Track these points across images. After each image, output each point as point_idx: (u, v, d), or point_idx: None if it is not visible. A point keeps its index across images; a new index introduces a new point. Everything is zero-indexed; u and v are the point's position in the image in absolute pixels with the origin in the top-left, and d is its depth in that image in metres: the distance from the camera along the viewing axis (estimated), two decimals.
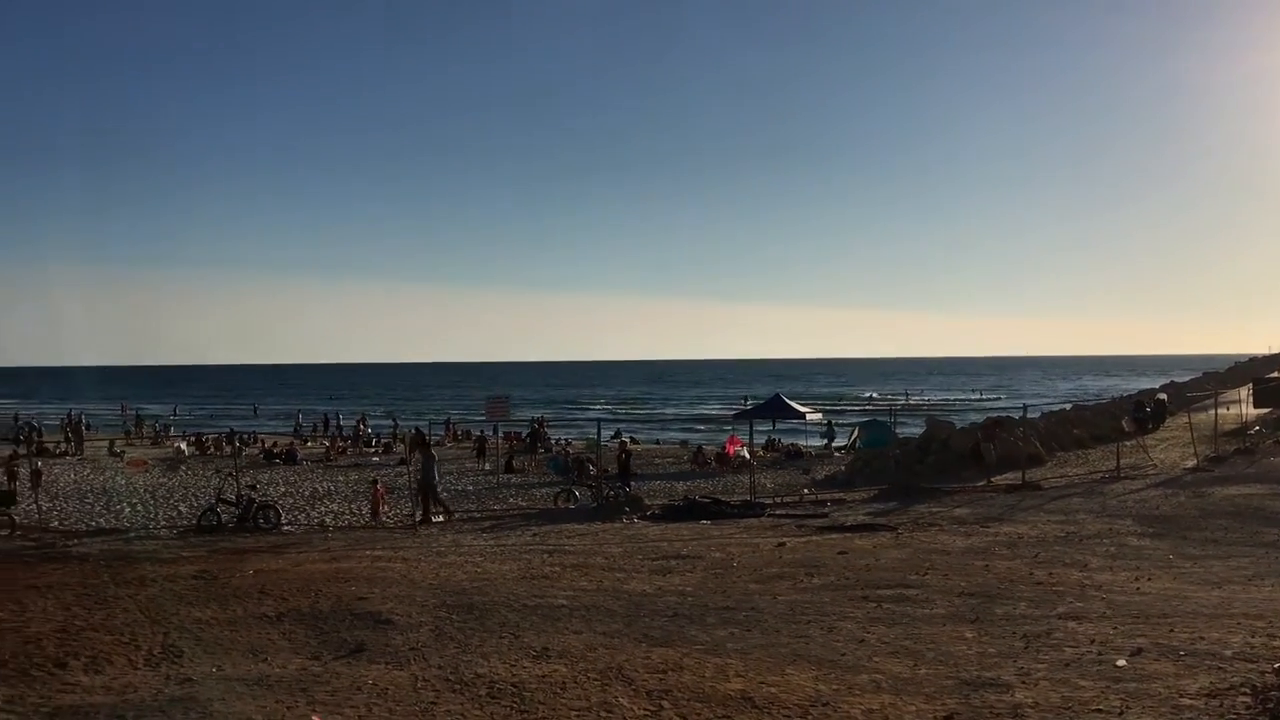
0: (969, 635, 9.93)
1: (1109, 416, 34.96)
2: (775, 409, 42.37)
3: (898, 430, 41.31)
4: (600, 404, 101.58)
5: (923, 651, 9.35)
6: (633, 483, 25.58)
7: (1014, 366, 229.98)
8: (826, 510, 21.85)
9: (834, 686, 8.28)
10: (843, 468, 32.67)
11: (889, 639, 9.86)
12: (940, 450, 30.93)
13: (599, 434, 27.99)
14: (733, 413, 48.61)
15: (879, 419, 50.64)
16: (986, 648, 9.42)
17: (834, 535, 17.70)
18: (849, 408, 76.03)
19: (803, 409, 44.32)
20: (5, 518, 19.55)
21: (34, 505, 22.08)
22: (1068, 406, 40.82)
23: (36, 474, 26.82)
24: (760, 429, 43.21)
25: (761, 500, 23.73)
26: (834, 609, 11.32)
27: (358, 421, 58.33)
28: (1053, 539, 16.29)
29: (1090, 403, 41.50)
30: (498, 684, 8.55)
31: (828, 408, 61.76)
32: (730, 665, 9.02)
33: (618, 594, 12.37)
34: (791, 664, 9.01)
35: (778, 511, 22.07)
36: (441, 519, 21.73)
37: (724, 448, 40.01)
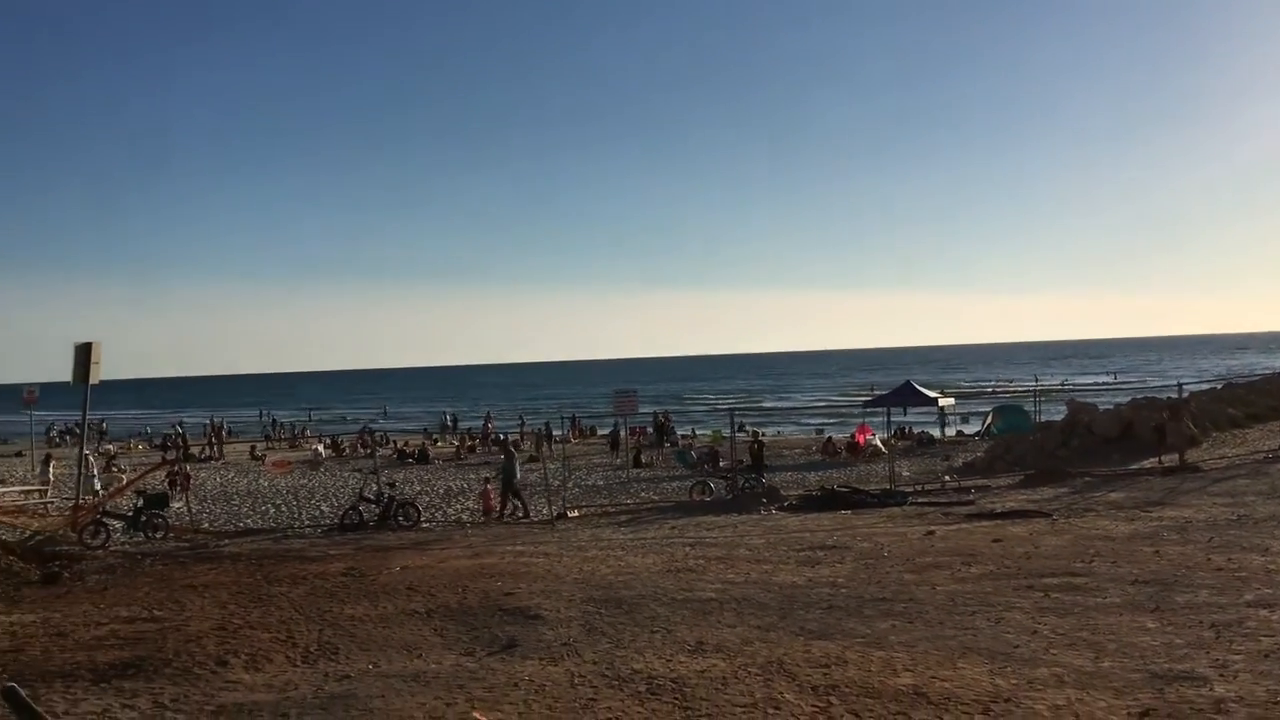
0: (1151, 625, 9.31)
1: (1266, 395, 33.05)
2: (906, 396, 41.34)
3: (1030, 415, 40.06)
4: (719, 397, 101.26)
5: (1102, 643, 8.78)
6: (765, 474, 25.20)
7: (1126, 349, 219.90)
8: (971, 497, 21.10)
9: (1012, 681, 7.81)
10: (980, 454, 31.64)
11: (1063, 630, 9.31)
12: (1084, 434, 29.75)
13: (732, 426, 27.65)
14: (861, 401, 47.46)
15: (1014, 404, 49.11)
16: (1173, 638, 8.81)
17: (985, 522, 16.99)
18: (975, 393, 73.83)
19: (934, 395, 43.16)
20: (160, 520, 20.18)
21: (184, 507, 22.77)
22: (1218, 385, 38.78)
23: (185, 478, 27.79)
24: (878, 417, 42.32)
25: (901, 489, 23.06)
26: (998, 599, 10.77)
27: (485, 420, 59.16)
28: (1224, 522, 15.32)
29: (1242, 381, 39.29)
30: (656, 680, 8.30)
31: (958, 394, 60.01)
32: (896, 659, 8.61)
33: (767, 586, 12.03)
34: (962, 657, 8.56)
35: (920, 499, 21.39)
36: (519, 516, 21.86)
37: (854, 437, 39.22)
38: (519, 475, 22.96)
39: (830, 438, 40.84)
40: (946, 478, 25.31)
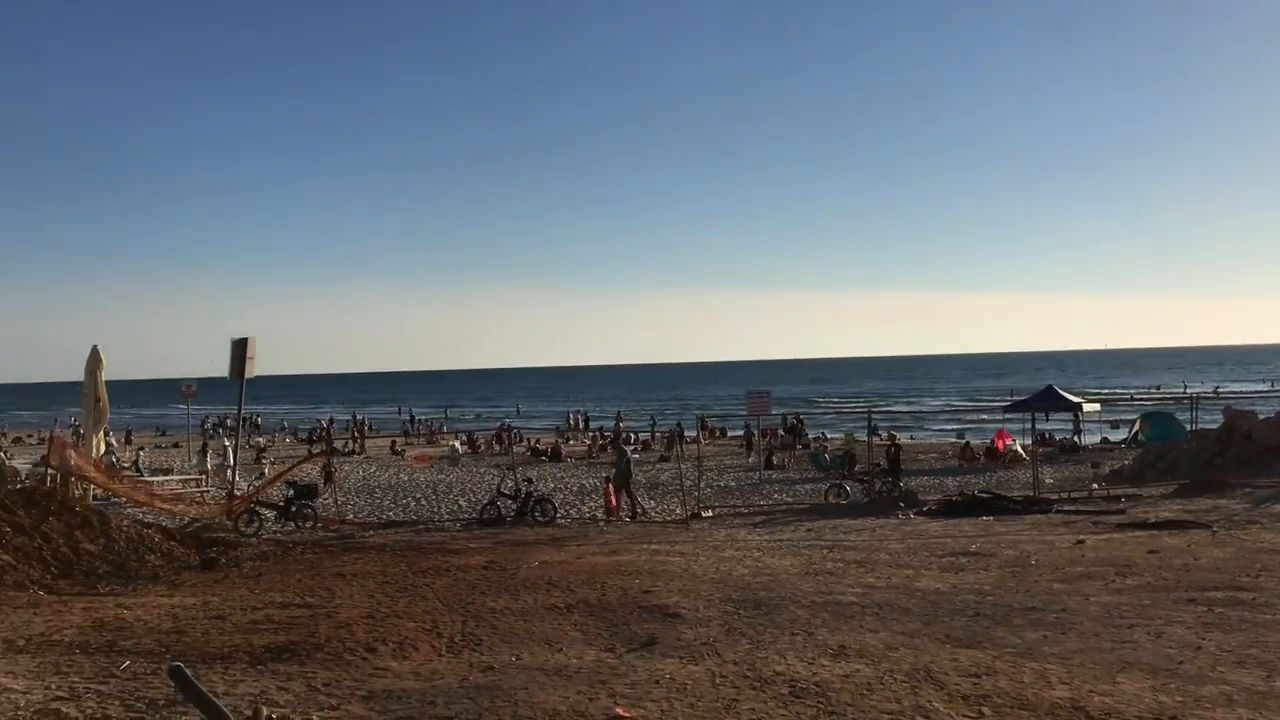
0: None
1: None
2: (1048, 400, 39.95)
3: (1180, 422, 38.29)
4: (847, 400, 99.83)
5: (1274, 661, 8.32)
6: (901, 479, 24.71)
7: (1263, 355, 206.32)
8: (1122, 506, 20.24)
9: (1177, 699, 7.44)
10: (1128, 462, 30.35)
11: (1230, 646, 8.84)
12: (1243, 442, 28.19)
13: (869, 428, 27.21)
14: (1000, 405, 46.13)
15: (1163, 410, 47.02)
16: None
17: (1138, 533, 16.29)
18: (1120, 399, 71.04)
19: (1077, 400, 41.63)
20: (309, 510, 20.89)
21: (330, 499, 23.54)
22: None
23: (328, 472, 28.82)
24: (1015, 424, 41.04)
25: (1046, 496, 22.29)
26: (1157, 612, 10.30)
27: (616, 420, 59.67)
28: None
29: None
30: (799, 683, 8.18)
31: (1103, 400, 57.77)
32: (1050, 671, 8.29)
33: (909, 591, 11.76)
34: (1121, 671, 8.19)
35: (1066, 507, 20.63)
36: (629, 516, 21.83)
37: (992, 442, 38.15)
38: (632, 474, 22.90)
39: (968, 442, 39.82)
40: (1094, 485, 24.36)
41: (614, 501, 22.62)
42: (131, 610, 11.49)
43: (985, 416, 61.39)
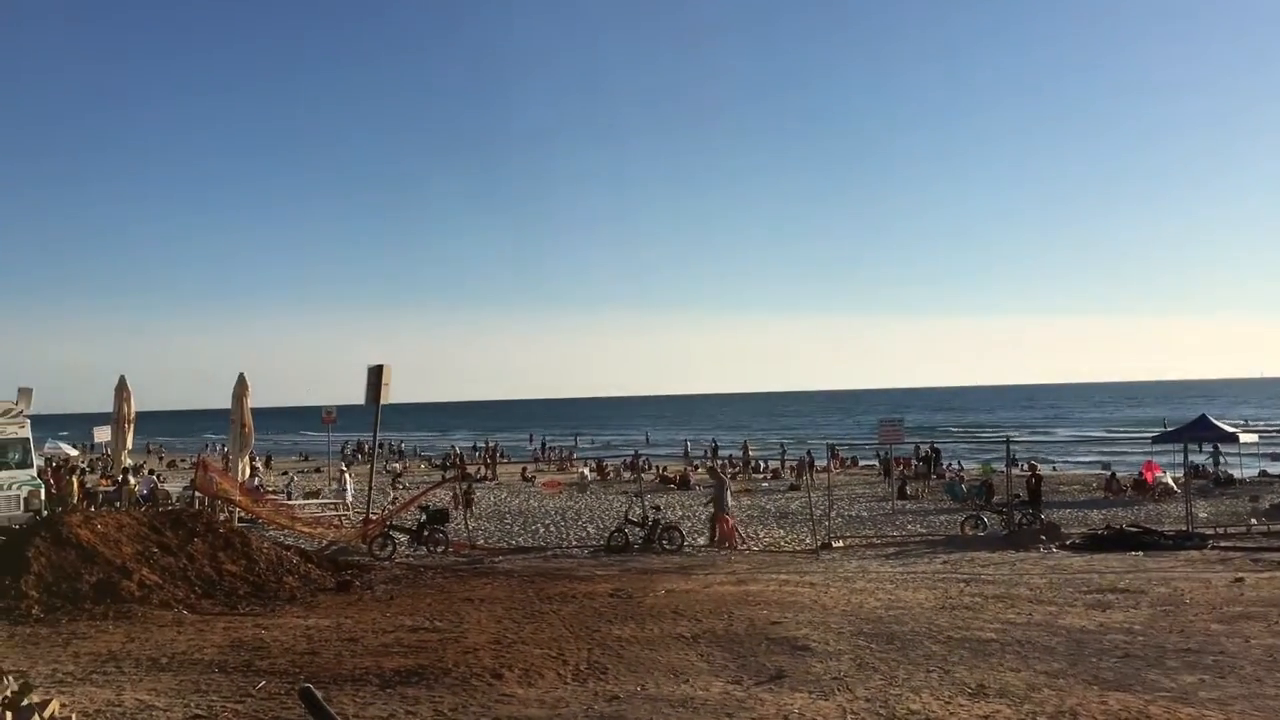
0: None
1: None
2: (1201, 430, 38.01)
3: None
4: (983, 429, 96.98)
5: None
6: (1043, 510, 23.74)
7: None
8: None
9: None
10: None
11: None
12: None
13: (1008, 456, 26.24)
14: (1149, 436, 44.03)
15: None
16: None
17: None
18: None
19: (1233, 430, 39.47)
20: (441, 534, 21.23)
21: (462, 524, 23.86)
22: None
23: (468, 497, 29.53)
24: (1166, 455, 39.10)
25: (1200, 531, 21.13)
26: None
27: (743, 449, 59.21)
28: None
29: None
30: None
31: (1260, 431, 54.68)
32: (1209, 717, 7.76)
33: (1053, 629, 11.19)
34: None
35: (1222, 543, 19.53)
36: (724, 544, 21.40)
37: (1141, 474, 36.47)
38: (729, 503, 22.46)
39: (1114, 474, 38.18)
40: (1253, 521, 22.99)
41: (728, 530, 22.33)
42: (269, 631, 11.77)
43: (1129, 448, 58.92)
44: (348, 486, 33.02)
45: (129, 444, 29.08)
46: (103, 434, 36.81)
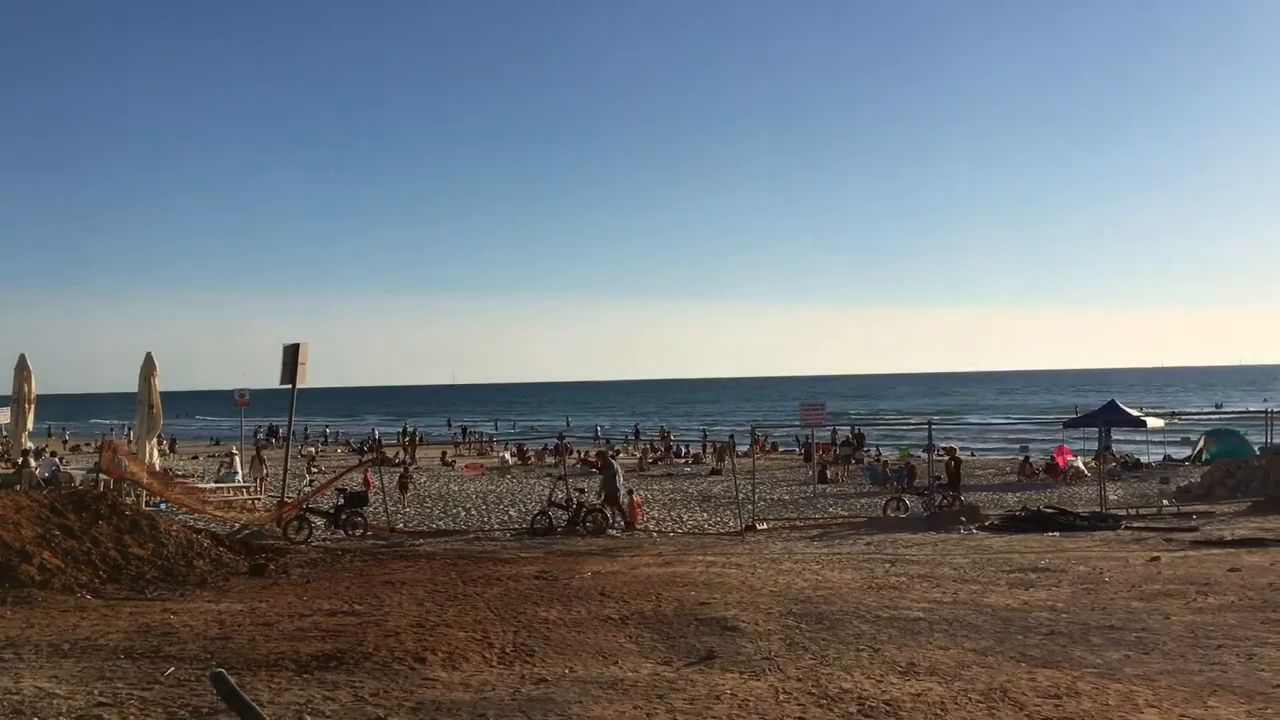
0: None
1: None
2: (1109, 416, 38.99)
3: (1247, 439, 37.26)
4: (902, 416, 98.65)
5: None
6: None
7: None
8: (1194, 523, 19.52)
9: None
10: (1196, 479, 29.43)
11: None
12: None
13: (930, 440, 26.55)
14: (1061, 421, 45.10)
15: (1228, 428, 45.82)
16: None
17: (1215, 550, 15.62)
18: (1187, 415, 69.31)
19: (1139, 415, 40.58)
20: (359, 518, 20.75)
21: (381, 508, 23.38)
22: None
23: (403, 481, 29.47)
24: (1077, 441, 40.15)
25: (1113, 512, 21.58)
26: (1245, 633, 9.71)
27: (665, 433, 59.28)
28: None
29: None
30: (868, 701, 7.75)
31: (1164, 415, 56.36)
32: (1137, 693, 7.78)
33: (978, 607, 11.24)
34: (1212, 695, 7.67)
35: (1135, 524, 19.95)
36: (618, 529, 21.31)
37: (1052, 457, 37.31)
38: (620, 487, 22.28)
39: (1027, 457, 38.99)
40: (1165, 502, 23.57)
41: (634, 513, 22.39)
42: (178, 615, 11.29)
43: (1039, 435, 60.31)
44: (236, 468, 32.49)
45: (29, 425, 28.00)
46: (1, 415, 35.35)
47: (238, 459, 34.38)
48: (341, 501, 21.10)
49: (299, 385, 21.77)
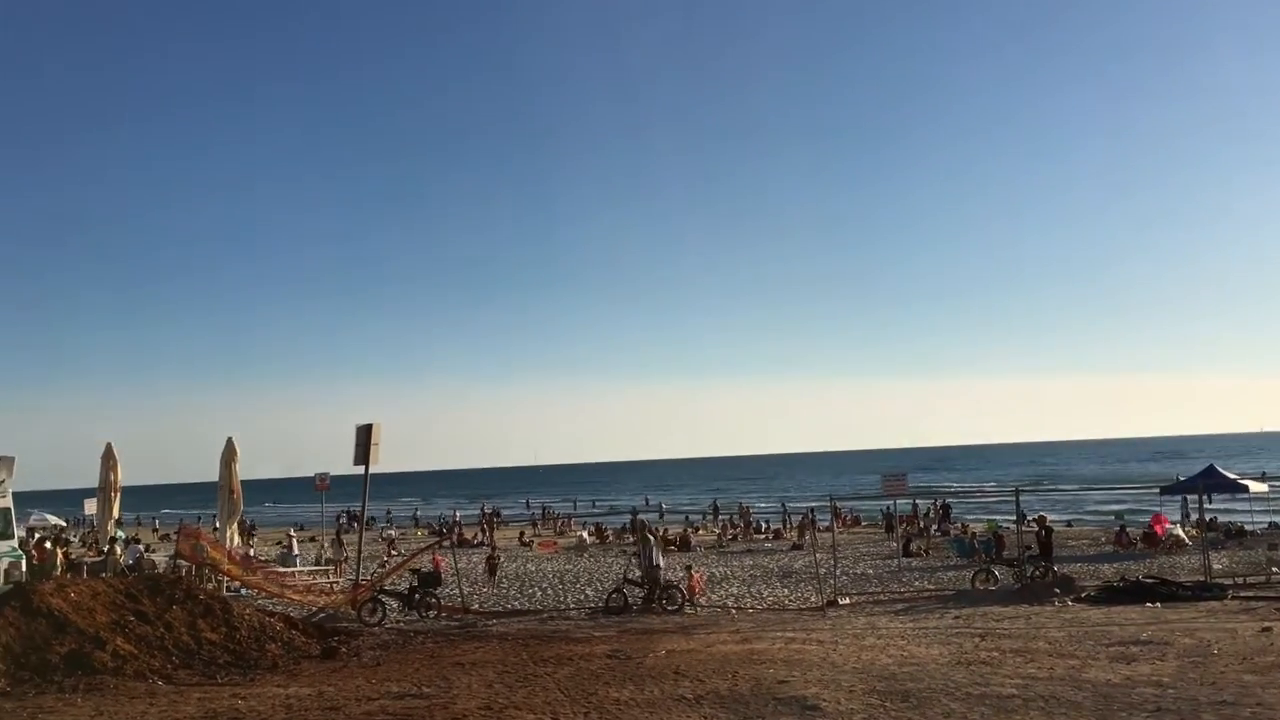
0: None
1: None
2: (1209, 480, 37.42)
3: None
4: (988, 484, 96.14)
5: None
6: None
7: None
8: None
9: None
10: None
11: None
12: None
13: (1017, 506, 25.57)
14: (1158, 487, 43.39)
15: None
16: None
17: None
18: None
19: (1243, 480, 38.87)
20: (432, 599, 20.51)
21: (457, 589, 23.13)
22: None
23: (492, 564, 29.29)
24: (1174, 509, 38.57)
25: (1219, 581, 20.46)
26: None
27: (744, 508, 58.43)
28: None
29: None
30: None
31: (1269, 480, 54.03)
32: None
33: (1077, 683, 10.56)
34: None
35: (1243, 593, 18.87)
36: (666, 607, 20.20)
37: (1150, 526, 35.78)
38: (659, 561, 21.09)
39: (1124, 526, 37.48)
40: (1274, 569, 22.30)
41: (695, 586, 21.94)
42: (246, 700, 11.12)
43: (1133, 503, 58.19)
44: (295, 550, 32.73)
45: (115, 513, 28.50)
46: (92, 505, 36.07)
47: (295, 542, 34.57)
48: (415, 583, 20.91)
49: (373, 466, 21.78)
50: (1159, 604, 17.88)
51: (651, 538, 22.17)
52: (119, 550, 28.52)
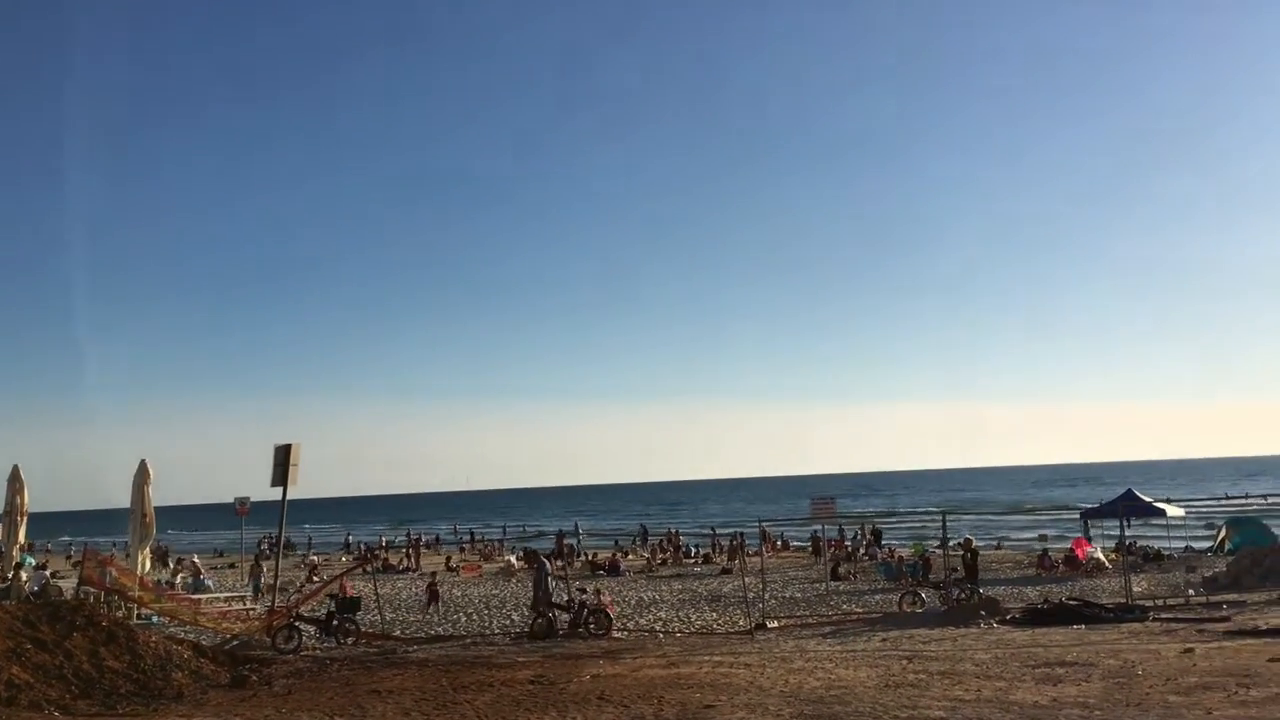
0: None
1: None
2: (1127, 505, 38.07)
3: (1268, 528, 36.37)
4: (908, 511, 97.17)
5: None
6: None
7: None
8: (1225, 613, 18.65)
9: None
10: (1222, 569, 28.46)
11: None
12: None
13: (944, 531, 25.69)
14: (1077, 511, 44.09)
15: (1249, 516, 44.87)
16: None
17: (1251, 640, 14.77)
18: (1206, 508, 68.15)
19: (1160, 505, 39.62)
20: (351, 625, 19.93)
21: (377, 615, 22.53)
22: None
23: (433, 590, 28.01)
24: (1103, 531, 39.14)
25: (1140, 603, 20.69)
26: None
27: (673, 534, 58.19)
28: None
29: None
30: None
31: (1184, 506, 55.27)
32: None
33: (1005, 705, 10.45)
34: None
35: (1164, 615, 19.07)
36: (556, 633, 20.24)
37: (1071, 549, 36.27)
38: (551, 589, 21.06)
39: (1046, 550, 37.94)
40: (1191, 592, 22.64)
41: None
42: None
43: (1055, 527, 59.12)
44: (203, 577, 31.87)
45: (20, 538, 27.31)
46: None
47: (200, 567, 33.68)
48: (333, 608, 20.31)
49: (291, 487, 21.13)
50: (1083, 626, 17.98)
51: (547, 563, 22.16)
52: (24, 576, 27.37)
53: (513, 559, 46.79)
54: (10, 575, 27.24)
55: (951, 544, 32.21)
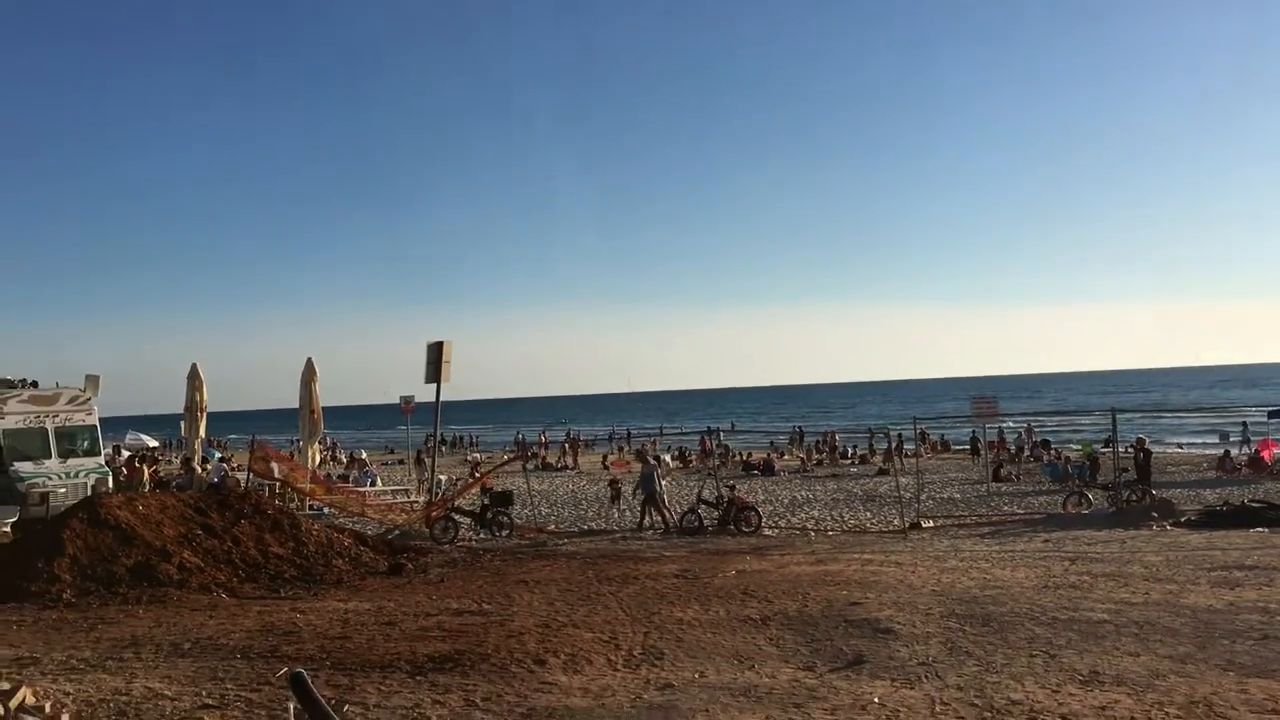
0: None
1: None
2: None
3: None
4: (1080, 412, 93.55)
5: None
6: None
7: None
8: None
9: None
10: None
11: None
12: None
13: (1114, 428, 24.36)
14: (1267, 411, 41.55)
15: None
16: None
17: None
18: None
19: None
20: (505, 518, 20.34)
21: (530, 509, 22.96)
22: None
23: (616, 488, 27.72)
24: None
25: None
26: None
27: (830, 434, 57.59)
28: None
29: None
30: (1041, 714, 6.66)
31: None
32: None
33: (1175, 609, 9.82)
34: None
35: None
36: (658, 529, 20.45)
37: (1257, 451, 34.20)
38: (660, 488, 21.27)
39: (1228, 451, 35.87)
40: None
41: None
42: (305, 615, 10.96)
43: (1239, 428, 55.89)
44: (368, 470, 32.81)
45: (201, 432, 28.85)
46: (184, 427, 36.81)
47: (359, 463, 34.76)
48: (487, 501, 20.75)
49: (444, 383, 21.57)
50: (1266, 529, 16.86)
51: (654, 461, 22.16)
52: (203, 469, 29.02)
53: (667, 457, 47.19)
54: (193, 467, 28.98)
55: (1123, 446, 30.82)
